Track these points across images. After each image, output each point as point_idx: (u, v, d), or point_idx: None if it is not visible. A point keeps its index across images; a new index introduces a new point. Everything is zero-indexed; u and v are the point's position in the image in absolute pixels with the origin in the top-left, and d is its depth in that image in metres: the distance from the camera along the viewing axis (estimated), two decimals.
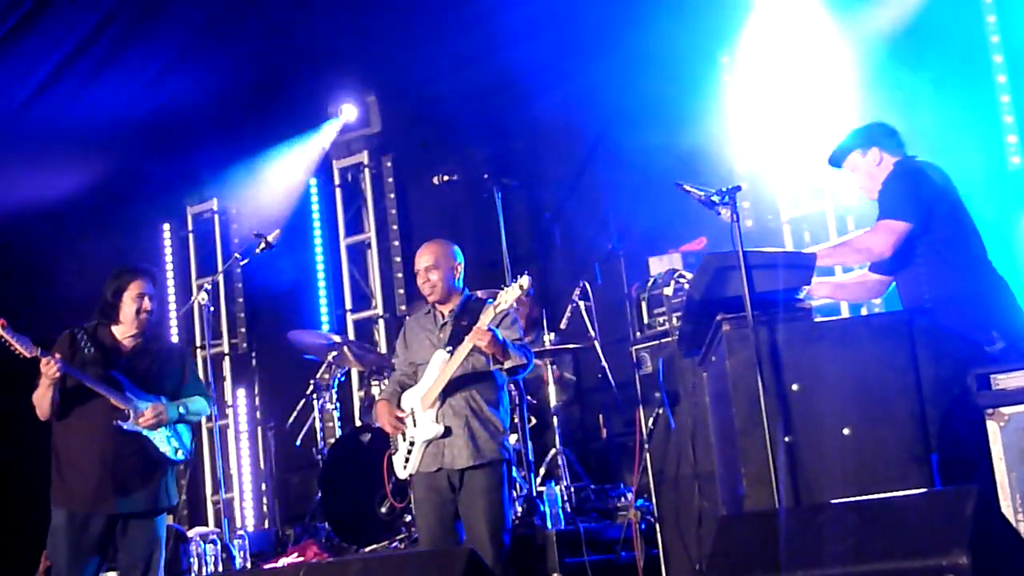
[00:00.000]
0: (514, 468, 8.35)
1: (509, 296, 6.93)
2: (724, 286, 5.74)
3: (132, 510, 7.34)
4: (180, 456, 7.49)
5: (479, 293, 7.66)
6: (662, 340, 7.69)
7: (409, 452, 7.19)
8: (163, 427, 7.39)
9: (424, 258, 7.35)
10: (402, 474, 7.31)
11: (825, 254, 6.39)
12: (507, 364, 7.05)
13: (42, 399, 7.29)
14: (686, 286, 7.49)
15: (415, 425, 7.18)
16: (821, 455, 5.55)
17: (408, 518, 8.71)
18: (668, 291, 7.71)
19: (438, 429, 7.07)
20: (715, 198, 6.00)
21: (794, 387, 5.59)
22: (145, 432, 7.34)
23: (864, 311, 8.79)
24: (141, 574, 7.33)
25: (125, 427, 7.28)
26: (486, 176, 8.64)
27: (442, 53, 10.79)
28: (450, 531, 7.18)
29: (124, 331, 7.53)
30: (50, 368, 7.09)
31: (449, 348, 7.11)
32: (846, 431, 5.52)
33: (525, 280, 6.92)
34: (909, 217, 6.17)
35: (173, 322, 13.08)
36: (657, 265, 8.23)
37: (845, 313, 8.87)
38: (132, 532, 7.36)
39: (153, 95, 11.03)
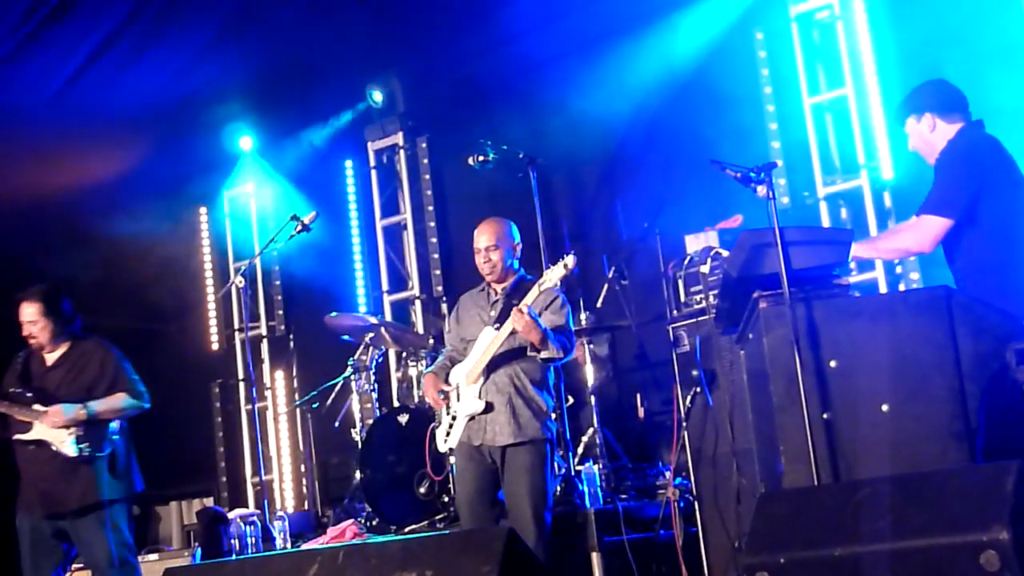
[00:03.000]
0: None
1: (554, 275, 6.94)
2: (761, 263, 5.73)
3: (62, 510, 7.70)
4: (85, 453, 7.67)
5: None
6: (699, 318, 7.67)
7: (451, 426, 7.24)
8: (66, 429, 7.63)
9: (485, 236, 7.37)
10: (443, 447, 7.37)
11: (863, 248, 6.35)
12: (543, 354, 7.06)
13: None
14: (723, 264, 7.47)
15: (459, 399, 7.22)
16: (859, 432, 5.53)
17: (446, 498, 8.73)
18: (705, 269, 7.68)
19: (480, 405, 7.11)
20: (751, 175, 5.98)
21: (832, 364, 5.57)
22: (46, 437, 7.63)
23: (902, 286, 8.76)
24: (101, 569, 7.65)
25: (26, 437, 7.71)
26: (521, 156, 8.61)
27: (478, 33, 10.77)
28: (488, 502, 7.23)
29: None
30: None
31: (497, 325, 7.13)
32: (884, 407, 5.49)
33: (570, 259, 6.92)
34: (951, 213, 6.11)
35: (211, 305, 13.13)
36: (693, 243, 8.20)
37: (883, 289, 8.83)
38: (80, 531, 7.74)
39: (188, 79, 11.05)
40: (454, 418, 7.25)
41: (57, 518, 7.71)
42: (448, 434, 7.28)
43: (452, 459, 7.78)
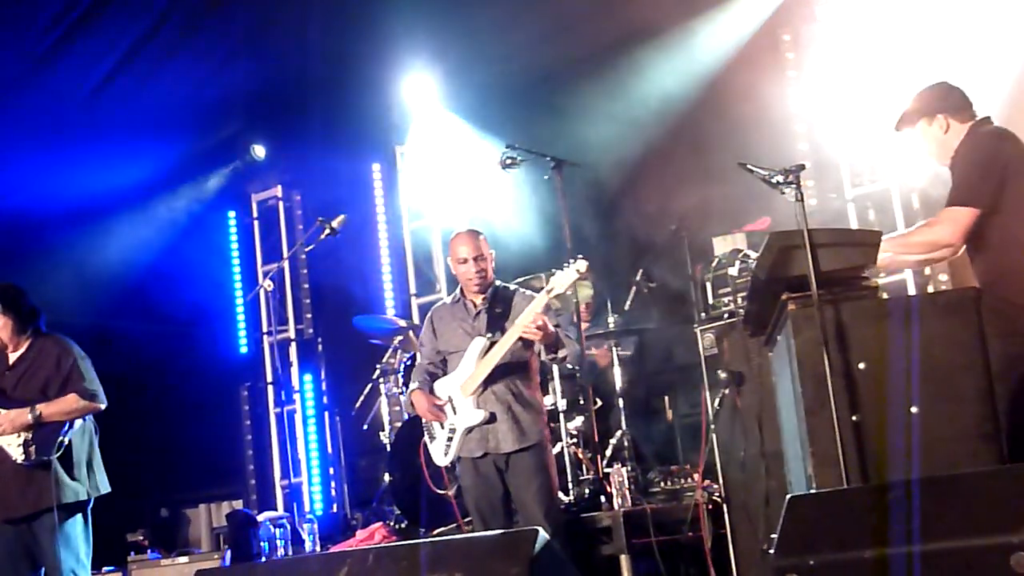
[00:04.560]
0: (580, 449, 8.41)
1: (564, 280, 6.92)
2: (789, 265, 5.71)
3: (16, 515, 7.61)
4: (32, 458, 7.57)
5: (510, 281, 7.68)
6: (727, 320, 7.67)
7: (449, 439, 7.23)
8: (15, 432, 7.59)
9: (467, 247, 7.36)
10: (443, 461, 7.37)
11: (892, 245, 6.31)
12: (560, 354, 7.08)
13: None
14: (751, 266, 7.46)
15: (455, 412, 7.22)
16: (889, 434, 5.51)
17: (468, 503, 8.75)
18: (733, 271, 7.68)
19: (481, 415, 7.11)
20: (779, 177, 5.97)
21: (861, 366, 5.56)
22: None
23: (931, 288, 8.74)
24: (58, 571, 7.55)
25: None
26: (549, 158, 8.62)
27: (505, 35, 10.78)
28: (502, 513, 7.25)
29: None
30: None
31: (490, 336, 7.14)
32: (914, 409, 5.48)
33: (582, 264, 6.90)
34: (976, 202, 6.06)
35: (240, 309, 13.18)
36: (721, 245, 8.20)
37: (912, 291, 8.81)
38: (37, 534, 7.63)
39: (216, 82, 11.09)
40: (452, 431, 7.25)
41: (14, 523, 7.62)
42: (447, 448, 7.28)
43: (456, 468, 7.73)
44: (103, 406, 7.87)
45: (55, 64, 10.14)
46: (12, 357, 7.87)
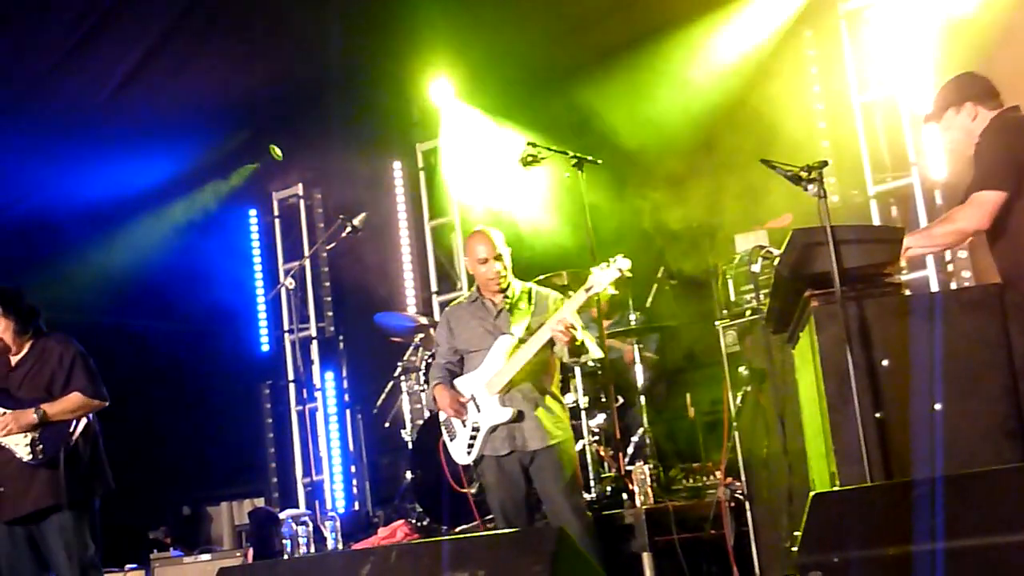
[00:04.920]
0: (602, 447, 8.40)
1: (604, 278, 6.92)
2: (812, 262, 5.69)
3: (20, 514, 7.61)
4: (40, 457, 7.57)
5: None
6: (749, 318, 7.65)
7: (472, 438, 7.22)
8: (21, 433, 7.59)
9: (485, 247, 7.34)
10: (464, 460, 7.35)
11: (917, 239, 6.27)
12: (583, 359, 7.10)
13: None
14: (773, 263, 7.44)
15: (478, 410, 7.20)
16: (912, 431, 5.49)
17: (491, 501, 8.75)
18: (755, 268, 7.66)
19: (509, 413, 7.10)
20: (802, 174, 5.95)
21: (884, 363, 5.54)
22: (2, 441, 7.61)
23: (954, 284, 8.72)
24: (60, 572, 7.57)
25: None
26: (570, 155, 8.60)
27: (526, 31, 10.77)
28: (525, 512, 7.25)
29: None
30: None
31: (517, 334, 7.13)
32: (937, 406, 5.46)
33: (625, 262, 6.91)
34: (1001, 184, 5.99)
35: (261, 307, 13.20)
36: (743, 242, 8.18)
37: (934, 287, 8.79)
38: (45, 534, 7.62)
39: (237, 82, 11.10)
40: (476, 429, 7.24)
41: (20, 523, 7.63)
42: (470, 446, 7.27)
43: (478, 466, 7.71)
44: (107, 403, 7.85)
45: (76, 66, 10.16)
46: (14, 358, 7.88)
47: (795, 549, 4.75)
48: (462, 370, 7.41)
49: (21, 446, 7.57)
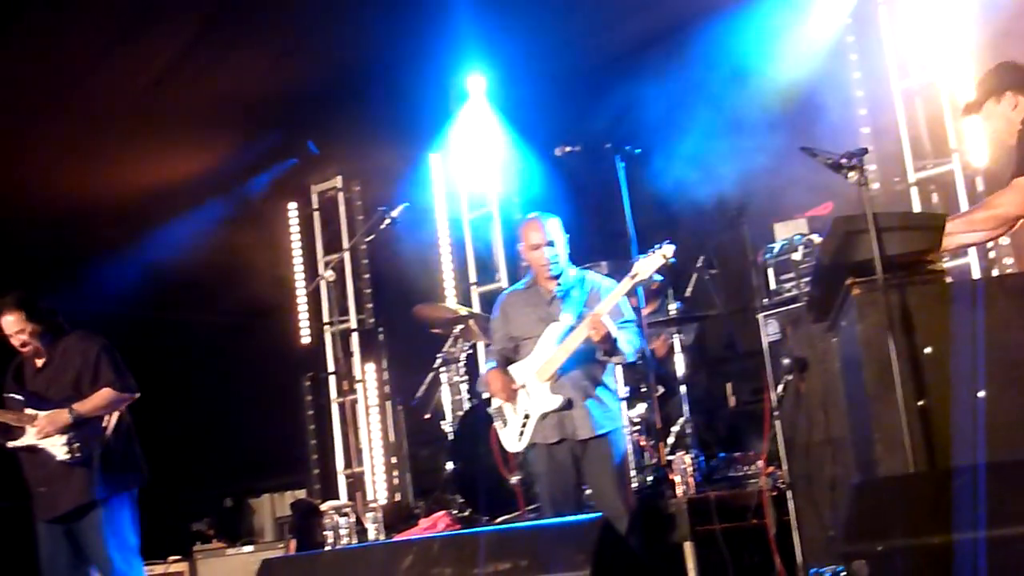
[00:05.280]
0: (643, 437, 8.40)
1: (649, 266, 6.92)
2: (854, 249, 5.67)
3: (58, 513, 7.67)
4: (77, 455, 7.64)
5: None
6: (790, 306, 7.63)
7: (523, 425, 7.22)
8: (58, 433, 7.64)
9: (539, 233, 7.34)
10: (515, 447, 7.35)
11: (958, 224, 6.23)
12: (613, 359, 7.08)
13: None
14: (815, 251, 7.42)
15: (529, 397, 7.20)
16: (955, 419, 5.46)
17: (538, 489, 8.76)
18: (796, 256, 7.64)
19: (557, 401, 7.09)
20: (842, 161, 5.92)
21: (927, 350, 5.52)
22: (38, 443, 7.67)
23: (996, 271, 8.66)
24: (103, 568, 7.62)
25: (18, 444, 7.74)
26: (608, 146, 8.58)
27: (563, 24, 10.75)
28: (574, 501, 7.23)
29: None
30: None
31: (568, 322, 7.12)
32: (980, 394, 5.43)
33: (669, 248, 6.90)
34: None
35: (301, 300, 13.23)
36: (783, 231, 8.16)
37: (976, 275, 8.74)
38: (84, 530, 7.68)
39: (275, 74, 11.11)
40: (527, 416, 7.23)
41: (59, 521, 7.69)
42: (521, 433, 7.27)
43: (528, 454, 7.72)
44: (137, 395, 7.90)
45: (115, 61, 10.20)
46: (39, 361, 7.93)
47: (839, 538, 4.74)
48: (517, 357, 7.40)
49: (58, 446, 7.63)
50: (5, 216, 11.62)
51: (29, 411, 7.68)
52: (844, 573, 5.02)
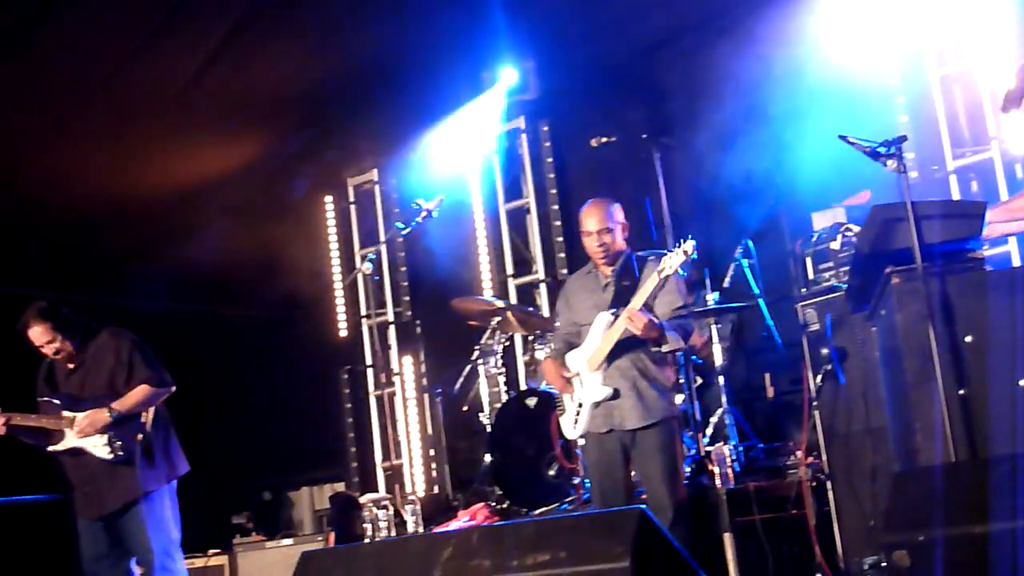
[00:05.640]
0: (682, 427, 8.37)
1: (673, 262, 6.89)
2: (892, 238, 5.65)
3: (105, 512, 7.74)
4: (120, 454, 7.69)
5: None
6: (829, 296, 7.59)
7: (578, 413, 7.22)
8: (95, 434, 7.70)
9: (594, 219, 7.31)
10: (571, 435, 7.36)
11: (999, 212, 6.18)
12: (664, 348, 7.04)
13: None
14: (853, 240, 7.39)
15: (582, 386, 7.20)
16: (996, 408, 5.44)
17: (576, 480, 8.75)
18: (835, 245, 7.60)
19: (606, 391, 7.08)
20: (880, 149, 5.89)
21: (967, 339, 5.49)
22: (79, 444, 7.72)
23: None
24: (146, 561, 7.69)
25: (60, 448, 7.79)
26: (644, 136, 8.57)
27: (598, 15, 10.73)
28: (623, 492, 7.21)
29: None
30: None
31: (613, 311, 7.09)
32: (1021, 383, 5.40)
33: (689, 245, 6.86)
34: None
35: (339, 293, 13.26)
36: (820, 220, 8.12)
37: (1016, 262, 8.68)
38: (126, 525, 7.74)
39: (313, 67, 11.13)
40: (580, 405, 7.23)
41: (104, 519, 7.75)
42: (576, 422, 7.27)
43: (581, 442, 7.77)
44: (173, 388, 7.93)
45: (149, 57, 10.23)
46: (70, 363, 7.97)
47: (879, 528, 4.71)
48: (579, 342, 7.40)
49: (99, 446, 7.67)
50: (44, 215, 11.69)
51: (67, 413, 7.72)
52: (885, 563, 4.99)
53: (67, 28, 9.48)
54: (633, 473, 7.34)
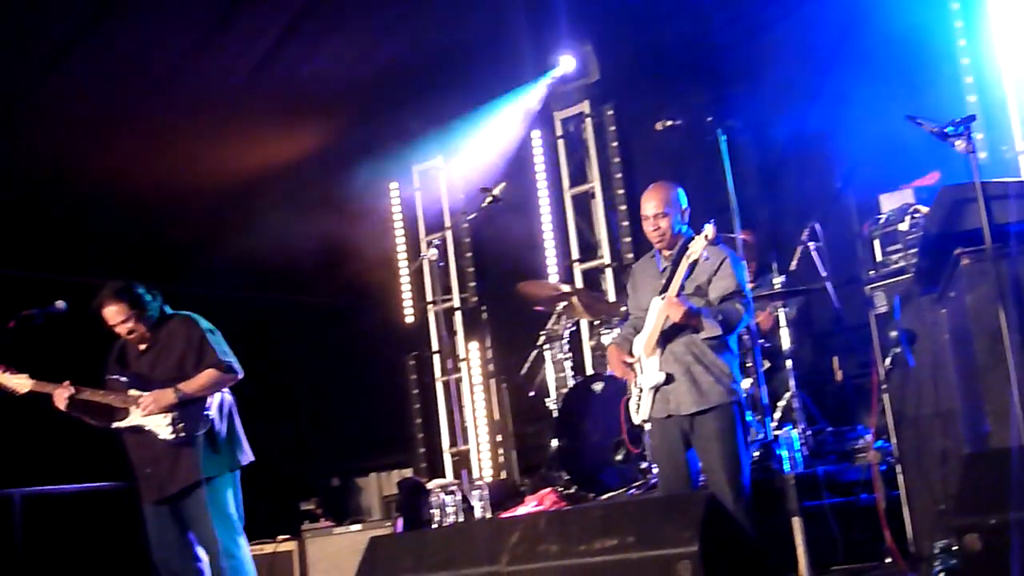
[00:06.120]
0: (747, 412, 8.32)
1: (697, 247, 6.88)
2: (962, 219, 5.60)
3: (165, 494, 7.76)
4: (182, 436, 7.71)
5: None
6: (897, 278, 7.52)
7: (639, 399, 7.22)
8: (162, 413, 7.72)
9: (652, 204, 7.30)
10: (636, 419, 7.36)
11: None
12: (701, 336, 7.01)
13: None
14: (922, 221, 7.32)
15: (642, 372, 7.20)
16: None
17: (643, 465, 8.75)
18: (903, 226, 7.53)
19: (660, 376, 7.08)
20: (949, 129, 5.83)
21: None
22: (143, 423, 7.75)
23: None
24: (210, 546, 7.70)
25: (123, 425, 7.83)
26: (710, 119, 8.53)
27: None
28: (684, 477, 7.19)
29: None
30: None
31: (663, 296, 7.09)
32: None
33: (710, 229, 6.85)
34: None
35: (404, 280, 13.30)
36: (888, 202, 8.04)
37: None
38: (189, 509, 7.75)
39: (376, 55, 11.16)
40: (641, 390, 7.24)
41: (165, 502, 7.78)
42: (638, 407, 7.28)
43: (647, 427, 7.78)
44: (241, 376, 7.96)
45: (212, 48, 10.30)
46: (142, 344, 8.02)
47: (950, 511, 4.67)
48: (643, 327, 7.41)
49: (163, 427, 7.72)
50: (111, 204, 11.81)
51: (133, 392, 7.79)
52: (956, 547, 4.95)
53: (131, 21, 9.55)
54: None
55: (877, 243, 7.75)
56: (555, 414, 9.80)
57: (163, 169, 11.65)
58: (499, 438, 12.33)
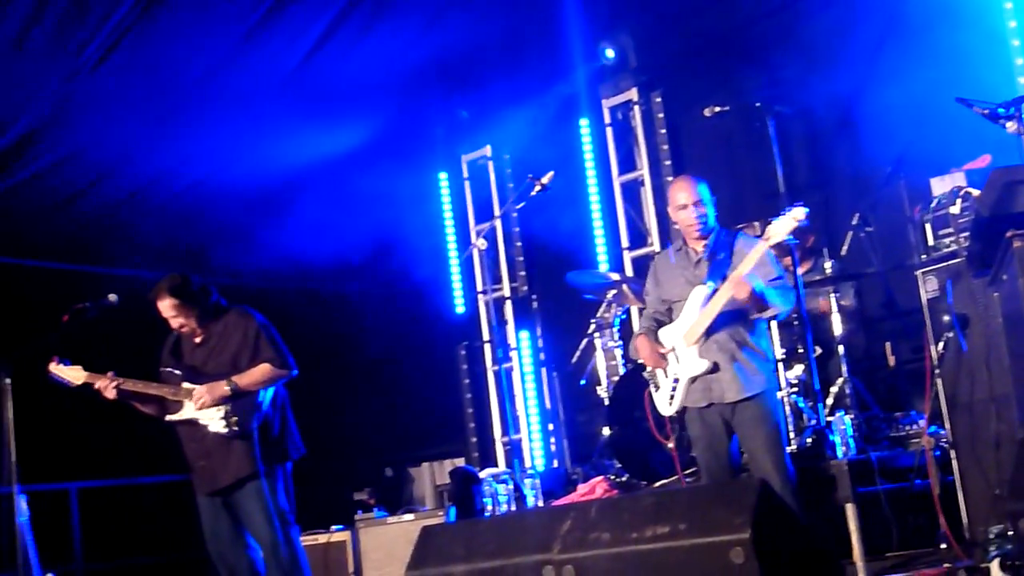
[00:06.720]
0: (800, 399, 8.31)
1: (781, 228, 6.86)
2: (1014, 201, 5.56)
3: (218, 486, 7.82)
4: (235, 429, 7.74)
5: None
6: (949, 262, 7.48)
7: (674, 389, 7.22)
8: (215, 406, 7.76)
9: (686, 193, 7.33)
10: (667, 411, 7.38)
11: None
12: (766, 314, 7.02)
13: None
14: (974, 204, 7.26)
15: (678, 361, 7.19)
16: None
17: (694, 453, 8.74)
18: (955, 209, 7.48)
19: (704, 365, 7.08)
20: (1000, 111, 5.79)
21: None
22: (196, 416, 7.80)
23: None
24: (262, 538, 7.76)
25: (176, 418, 7.89)
26: (758, 105, 8.50)
27: None
28: (727, 466, 7.22)
29: None
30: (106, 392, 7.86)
31: (711, 284, 7.08)
32: None
33: (800, 211, 6.83)
34: None
35: (455, 269, 13.33)
36: (939, 186, 7.99)
37: None
38: (241, 502, 7.81)
39: (422, 45, 11.16)
40: (676, 380, 7.23)
41: (218, 494, 7.84)
42: (672, 398, 7.27)
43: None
44: (295, 372, 8.00)
45: (261, 38, 10.31)
46: (197, 338, 8.07)
47: (1005, 496, 4.64)
48: (671, 320, 7.40)
49: (216, 419, 7.77)
50: (161, 198, 11.90)
51: (187, 385, 7.84)
52: (1011, 532, 4.92)
53: (178, 14, 9.58)
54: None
55: (928, 227, 7.71)
56: (606, 402, 9.81)
57: (213, 162, 11.71)
58: (551, 427, 12.34)
